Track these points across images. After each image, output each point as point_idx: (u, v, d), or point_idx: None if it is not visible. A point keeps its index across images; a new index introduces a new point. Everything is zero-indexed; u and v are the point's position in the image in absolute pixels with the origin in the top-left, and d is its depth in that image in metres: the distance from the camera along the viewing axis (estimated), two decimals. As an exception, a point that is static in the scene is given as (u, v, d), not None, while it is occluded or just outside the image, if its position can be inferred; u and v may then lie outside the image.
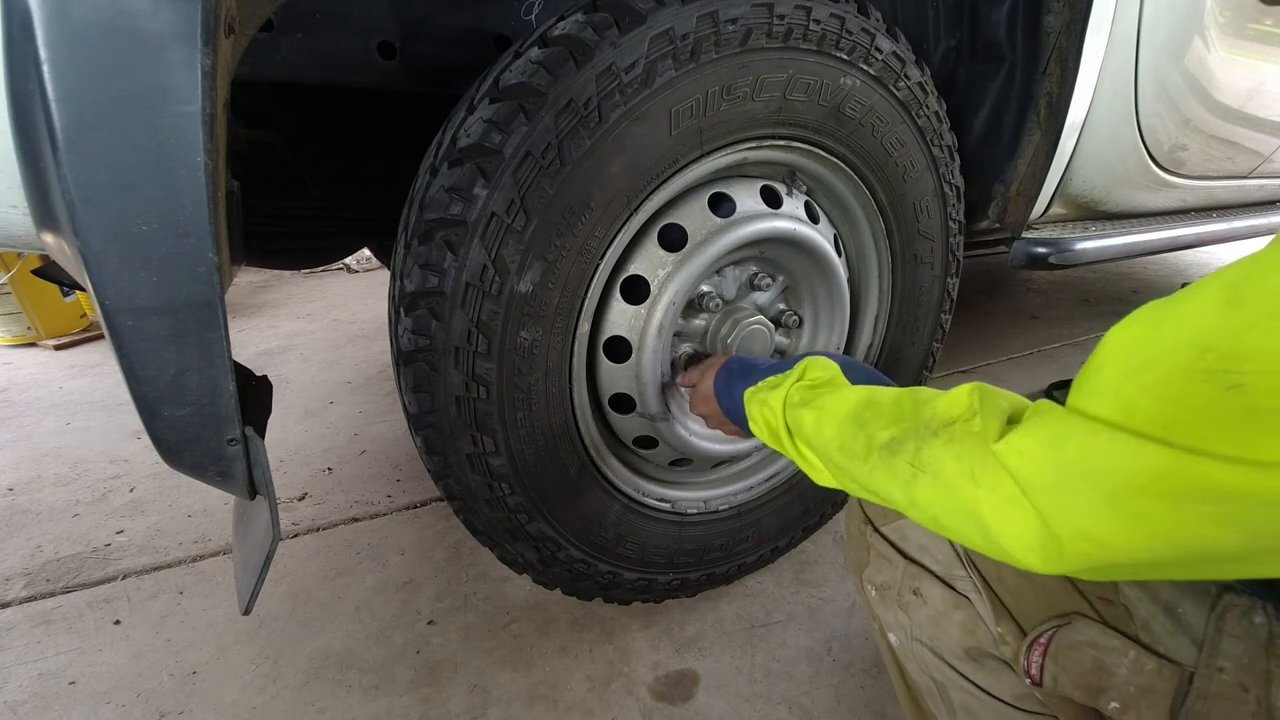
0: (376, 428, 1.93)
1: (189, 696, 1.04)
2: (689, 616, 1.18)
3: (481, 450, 0.86)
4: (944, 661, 0.66)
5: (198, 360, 0.53)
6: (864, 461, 0.55)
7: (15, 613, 1.23)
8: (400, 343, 0.83)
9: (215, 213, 0.49)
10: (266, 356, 2.59)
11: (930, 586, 0.66)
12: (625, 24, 0.75)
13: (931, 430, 0.50)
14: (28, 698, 1.04)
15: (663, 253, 0.92)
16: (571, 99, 0.75)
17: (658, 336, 0.93)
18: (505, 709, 1.01)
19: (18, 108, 0.46)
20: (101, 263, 0.47)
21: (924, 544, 0.68)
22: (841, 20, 0.87)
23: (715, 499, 1.15)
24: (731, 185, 0.97)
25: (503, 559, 1.01)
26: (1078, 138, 1.21)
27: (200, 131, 0.47)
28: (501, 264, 0.77)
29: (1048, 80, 1.11)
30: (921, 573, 0.67)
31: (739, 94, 0.84)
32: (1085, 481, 0.39)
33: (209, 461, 0.58)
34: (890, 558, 0.70)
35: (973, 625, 0.63)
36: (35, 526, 1.50)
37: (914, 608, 0.67)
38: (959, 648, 0.64)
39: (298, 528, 1.46)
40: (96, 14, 0.43)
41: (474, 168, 0.75)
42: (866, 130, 0.97)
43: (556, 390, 0.89)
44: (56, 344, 2.73)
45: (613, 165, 0.79)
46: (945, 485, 0.47)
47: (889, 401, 0.57)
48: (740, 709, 1.00)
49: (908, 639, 0.68)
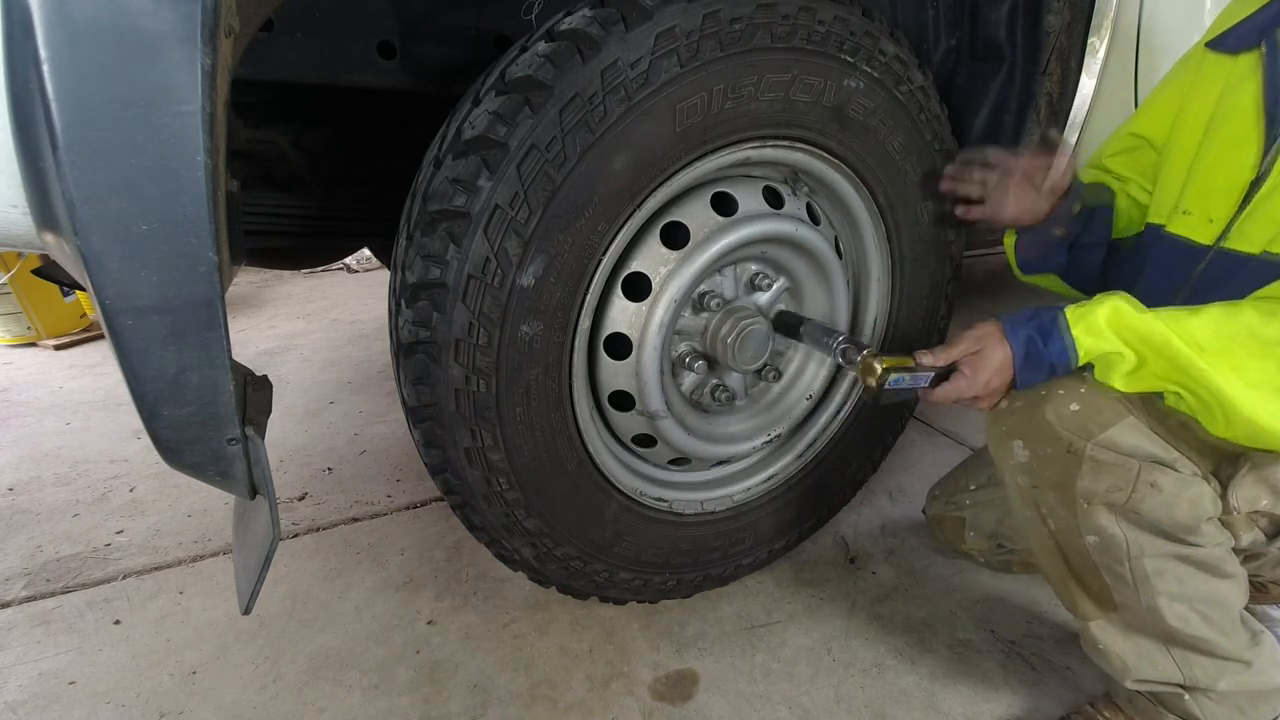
0: (376, 428, 1.93)
1: (189, 696, 1.04)
2: (689, 616, 1.18)
3: (480, 444, 0.86)
4: (1168, 539, 0.78)
5: (198, 360, 0.53)
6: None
7: (15, 613, 1.23)
8: (400, 335, 0.83)
9: (215, 213, 0.49)
10: (266, 356, 2.59)
11: (1164, 477, 0.76)
12: (632, 20, 0.75)
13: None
14: (28, 698, 1.04)
15: (665, 250, 0.92)
16: (577, 93, 0.75)
17: (658, 334, 0.93)
18: (505, 709, 1.01)
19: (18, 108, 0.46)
20: (101, 262, 0.47)
21: (1136, 444, 0.78)
22: (846, 22, 0.87)
23: (712, 499, 1.15)
24: (734, 185, 0.97)
25: (499, 556, 1.01)
26: (1078, 137, 1.21)
27: (200, 131, 0.47)
28: (504, 257, 0.77)
29: (1048, 80, 1.11)
30: (1154, 467, 0.77)
31: (743, 93, 0.84)
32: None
33: (209, 461, 0.58)
34: (1118, 462, 0.78)
35: (1198, 499, 0.77)
36: (35, 526, 1.50)
37: (1148, 499, 0.77)
38: (1187, 521, 0.76)
39: (298, 528, 1.46)
40: (96, 14, 0.43)
41: (479, 160, 0.75)
42: (869, 132, 0.97)
43: (556, 386, 0.89)
44: (56, 344, 2.73)
45: (617, 160, 0.79)
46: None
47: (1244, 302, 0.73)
48: (740, 709, 1.00)
49: (1123, 529, 0.79)
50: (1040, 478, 0.83)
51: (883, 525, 1.42)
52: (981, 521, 1.13)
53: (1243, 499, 0.79)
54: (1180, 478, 0.77)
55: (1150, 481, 0.77)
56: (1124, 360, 0.75)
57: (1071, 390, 0.81)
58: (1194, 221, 0.85)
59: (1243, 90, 0.81)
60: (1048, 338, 0.78)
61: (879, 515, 1.45)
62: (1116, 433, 0.78)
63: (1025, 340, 0.79)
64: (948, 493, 1.20)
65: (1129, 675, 0.84)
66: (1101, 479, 0.78)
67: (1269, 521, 0.81)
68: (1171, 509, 0.77)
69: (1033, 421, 0.82)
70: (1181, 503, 0.76)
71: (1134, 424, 0.79)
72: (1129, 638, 0.84)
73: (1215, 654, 0.81)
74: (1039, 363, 0.79)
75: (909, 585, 1.24)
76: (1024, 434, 0.84)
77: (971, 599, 1.20)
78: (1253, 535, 0.82)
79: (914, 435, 1.75)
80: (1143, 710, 0.89)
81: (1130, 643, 0.84)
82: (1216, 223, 0.82)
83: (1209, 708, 0.82)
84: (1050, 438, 0.81)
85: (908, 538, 1.37)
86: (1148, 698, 0.88)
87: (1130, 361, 0.75)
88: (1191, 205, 0.86)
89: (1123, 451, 0.78)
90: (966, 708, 0.99)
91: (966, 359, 0.82)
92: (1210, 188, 0.84)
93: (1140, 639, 0.83)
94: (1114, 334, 0.75)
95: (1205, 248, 0.83)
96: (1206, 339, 0.71)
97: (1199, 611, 0.79)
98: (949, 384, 0.84)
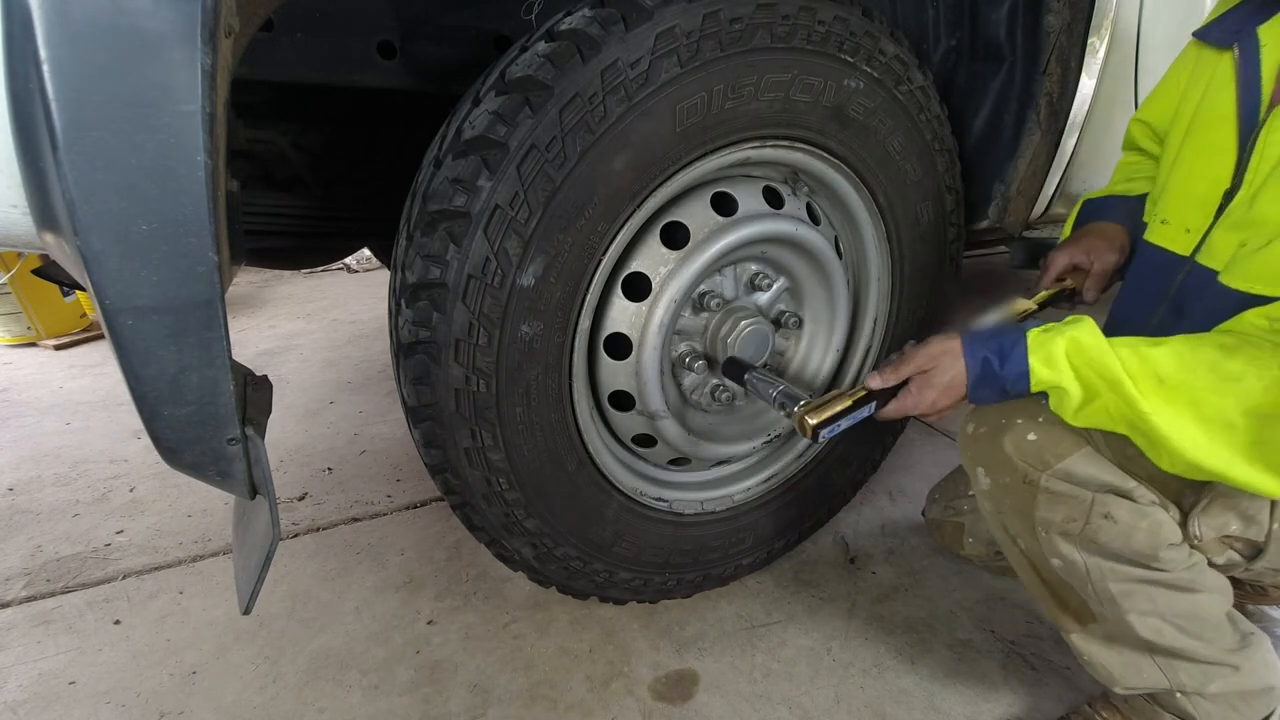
0: (376, 428, 1.93)
1: (189, 696, 1.04)
2: (689, 616, 1.18)
3: (480, 444, 0.86)
4: (1131, 564, 0.78)
5: (198, 360, 0.53)
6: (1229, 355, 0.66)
7: (15, 613, 1.23)
8: (400, 335, 0.83)
9: (215, 212, 0.49)
10: (266, 356, 2.59)
11: (1118, 508, 0.76)
12: (632, 20, 0.75)
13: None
14: (28, 698, 1.04)
15: (665, 250, 0.92)
16: (577, 93, 0.75)
17: (658, 334, 0.93)
18: (505, 709, 1.01)
19: (18, 108, 0.46)
20: (101, 262, 0.47)
21: (1092, 474, 0.78)
22: (846, 22, 0.87)
23: (712, 499, 1.15)
24: (734, 185, 0.97)
25: (499, 556, 1.01)
26: (1078, 137, 1.21)
27: (200, 131, 0.47)
28: (504, 257, 0.77)
29: (1048, 80, 1.11)
30: (1109, 497, 0.77)
31: (743, 93, 0.84)
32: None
33: (209, 461, 0.58)
34: (1072, 493, 0.78)
35: (1155, 529, 0.76)
36: (35, 526, 1.50)
37: (1104, 530, 0.76)
38: (1146, 549, 0.76)
39: (298, 528, 1.46)
40: (96, 14, 0.43)
41: (479, 160, 0.75)
42: (869, 132, 0.97)
43: (556, 386, 0.89)
44: (56, 344, 2.73)
45: (617, 160, 0.79)
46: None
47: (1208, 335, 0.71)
48: (740, 709, 1.00)
49: (1083, 557, 0.79)
50: (1003, 505, 0.85)
51: (883, 525, 1.42)
52: (980, 528, 1.13)
53: (1208, 526, 0.78)
54: (1136, 507, 0.76)
55: (1104, 513, 0.76)
56: (1070, 396, 0.72)
57: (1031, 420, 0.81)
58: (1172, 231, 0.84)
59: (1222, 95, 0.79)
60: (1005, 360, 0.75)
61: (879, 515, 1.45)
62: (1072, 463, 0.78)
63: (982, 361, 0.77)
64: (947, 497, 1.20)
65: (1116, 684, 0.84)
66: (1057, 510, 0.79)
67: (1245, 544, 0.80)
68: (1129, 539, 0.76)
69: (992, 451, 0.83)
70: (1138, 532, 0.76)
71: (1090, 454, 0.79)
72: (1111, 648, 0.84)
73: (1199, 660, 0.80)
74: (992, 383, 0.77)
75: (909, 585, 1.24)
76: (985, 462, 0.85)
77: (971, 599, 1.20)
78: (1226, 556, 0.81)
79: (914, 435, 1.75)
80: (1139, 710, 0.89)
81: (1114, 653, 0.84)
82: (1193, 233, 0.81)
83: (1203, 706, 0.82)
84: (1008, 468, 0.81)
85: (908, 538, 1.37)
86: (1144, 698, 0.88)
87: (1077, 398, 0.72)
88: (1169, 214, 0.85)
89: (1077, 482, 0.78)
90: (966, 708, 0.99)
91: (917, 377, 0.81)
92: (1187, 196, 0.82)
93: (1123, 649, 0.83)
94: (1069, 366, 0.72)
95: (1183, 259, 0.81)
96: (1167, 371, 0.68)
97: (1174, 625, 0.79)
98: (895, 402, 0.83)
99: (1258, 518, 0.77)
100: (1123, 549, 0.77)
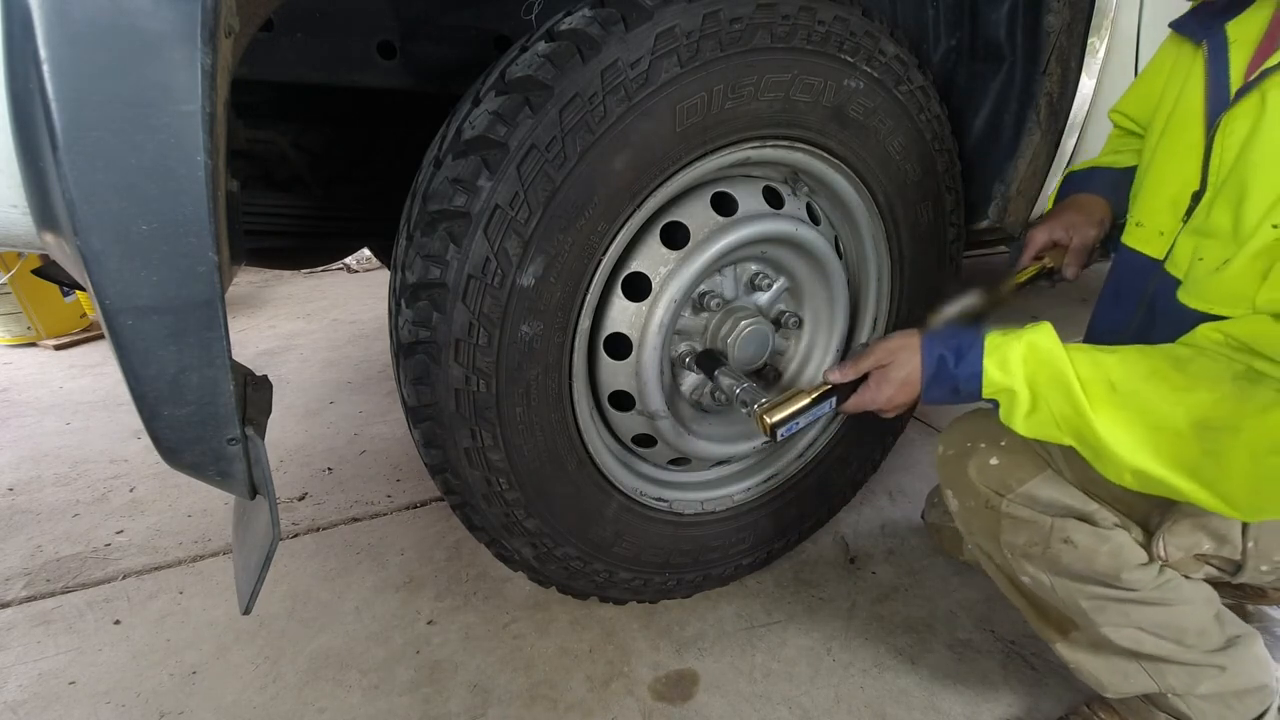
0: (376, 428, 1.93)
1: (189, 696, 1.04)
2: (689, 616, 1.18)
3: (480, 444, 0.86)
4: (1098, 584, 0.78)
5: (198, 360, 0.53)
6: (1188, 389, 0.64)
7: (15, 613, 1.23)
8: (400, 335, 0.83)
9: (215, 213, 0.49)
10: (266, 356, 2.59)
11: (1078, 532, 0.76)
12: (632, 20, 0.75)
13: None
14: (28, 698, 1.04)
15: (665, 250, 0.92)
16: (577, 93, 0.75)
17: (658, 334, 0.93)
18: (505, 709, 1.01)
19: (18, 108, 0.46)
20: (101, 262, 0.47)
21: (1053, 498, 0.78)
22: (846, 22, 0.87)
23: (712, 499, 1.15)
24: (734, 185, 0.97)
25: (499, 555, 1.01)
26: (1078, 137, 1.21)
27: (200, 131, 0.47)
28: (504, 257, 0.78)
29: (1048, 80, 1.11)
30: (1068, 522, 0.77)
31: (743, 93, 0.84)
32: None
33: (209, 461, 0.58)
34: (1032, 519, 0.78)
35: (1117, 551, 0.76)
36: (35, 526, 1.50)
37: (1064, 554, 0.77)
38: (1109, 571, 0.76)
39: (298, 528, 1.46)
40: (96, 14, 0.43)
41: (479, 160, 0.75)
42: (869, 132, 0.97)
43: (556, 386, 0.89)
44: (56, 344, 2.73)
45: (617, 160, 0.79)
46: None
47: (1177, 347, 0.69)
48: (740, 709, 1.00)
49: (1049, 578, 0.80)
50: (971, 526, 0.87)
51: (883, 525, 1.42)
52: None
53: (1175, 546, 0.76)
54: (1097, 531, 0.76)
55: (1064, 538, 0.77)
56: (1019, 401, 0.70)
57: (993, 444, 0.81)
58: (1147, 234, 0.83)
59: (1194, 93, 0.77)
60: (961, 360, 0.74)
61: (879, 515, 1.45)
62: (1034, 486, 0.79)
63: (938, 359, 0.75)
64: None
65: (1106, 690, 0.84)
66: (1019, 534, 0.80)
67: (1222, 561, 0.77)
68: (1090, 562, 0.76)
69: (958, 475, 0.84)
70: (1099, 556, 0.76)
71: (1051, 477, 0.79)
72: (1098, 655, 0.84)
73: (1184, 663, 0.80)
74: (945, 382, 0.75)
75: (909, 585, 1.24)
76: (953, 486, 0.86)
77: (971, 599, 1.20)
78: (1205, 572, 0.79)
79: (914, 435, 1.75)
80: (1136, 710, 0.89)
81: (1100, 660, 0.84)
82: (1166, 236, 0.79)
83: (1197, 705, 0.82)
84: (972, 492, 0.83)
85: (908, 538, 1.37)
86: (1140, 698, 0.87)
87: (1025, 403, 0.70)
88: (1144, 216, 0.84)
89: (1038, 507, 0.78)
90: (966, 708, 0.99)
91: (875, 371, 0.81)
92: (1160, 198, 0.80)
93: (1109, 655, 0.83)
94: (1022, 371, 0.70)
95: (1157, 262, 0.80)
96: (1119, 377, 0.67)
97: (1152, 634, 0.79)
98: (855, 396, 0.84)
99: (1230, 536, 0.74)
100: (1085, 571, 0.77)
